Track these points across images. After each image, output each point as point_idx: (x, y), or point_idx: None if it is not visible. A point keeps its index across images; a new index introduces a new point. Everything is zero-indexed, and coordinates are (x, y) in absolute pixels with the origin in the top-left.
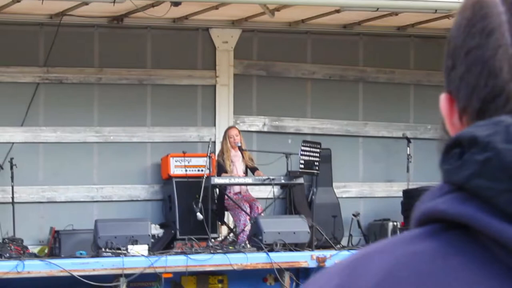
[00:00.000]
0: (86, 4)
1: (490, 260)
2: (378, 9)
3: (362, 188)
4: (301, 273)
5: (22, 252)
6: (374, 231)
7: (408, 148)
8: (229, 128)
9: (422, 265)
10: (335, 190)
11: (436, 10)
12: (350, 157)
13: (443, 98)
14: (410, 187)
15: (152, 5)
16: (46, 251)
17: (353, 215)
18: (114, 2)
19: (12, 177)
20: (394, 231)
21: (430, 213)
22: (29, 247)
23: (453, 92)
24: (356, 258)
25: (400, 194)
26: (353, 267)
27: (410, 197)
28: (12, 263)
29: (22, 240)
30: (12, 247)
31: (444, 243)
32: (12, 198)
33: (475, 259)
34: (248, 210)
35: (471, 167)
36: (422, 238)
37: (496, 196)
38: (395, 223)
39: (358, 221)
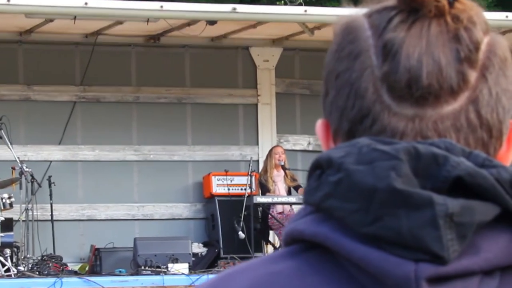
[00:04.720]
0: (121, 23)
1: (347, 279)
2: None
3: None
4: None
5: (61, 269)
6: None
7: None
8: (275, 146)
9: (278, 285)
10: None
11: None
12: None
13: (319, 124)
14: None
15: (188, 24)
16: (87, 268)
17: None
18: (147, 21)
19: (50, 195)
20: None
21: (292, 234)
22: (69, 264)
23: (328, 117)
24: (220, 277)
25: None
26: (216, 286)
27: None
28: (50, 280)
29: (61, 258)
30: (51, 264)
31: (302, 263)
32: (51, 215)
33: (332, 278)
34: None
35: (325, 188)
36: (283, 258)
37: (347, 216)
38: None
39: None
